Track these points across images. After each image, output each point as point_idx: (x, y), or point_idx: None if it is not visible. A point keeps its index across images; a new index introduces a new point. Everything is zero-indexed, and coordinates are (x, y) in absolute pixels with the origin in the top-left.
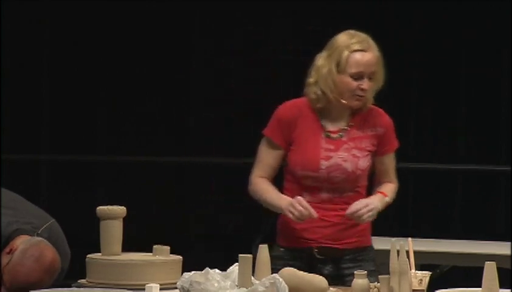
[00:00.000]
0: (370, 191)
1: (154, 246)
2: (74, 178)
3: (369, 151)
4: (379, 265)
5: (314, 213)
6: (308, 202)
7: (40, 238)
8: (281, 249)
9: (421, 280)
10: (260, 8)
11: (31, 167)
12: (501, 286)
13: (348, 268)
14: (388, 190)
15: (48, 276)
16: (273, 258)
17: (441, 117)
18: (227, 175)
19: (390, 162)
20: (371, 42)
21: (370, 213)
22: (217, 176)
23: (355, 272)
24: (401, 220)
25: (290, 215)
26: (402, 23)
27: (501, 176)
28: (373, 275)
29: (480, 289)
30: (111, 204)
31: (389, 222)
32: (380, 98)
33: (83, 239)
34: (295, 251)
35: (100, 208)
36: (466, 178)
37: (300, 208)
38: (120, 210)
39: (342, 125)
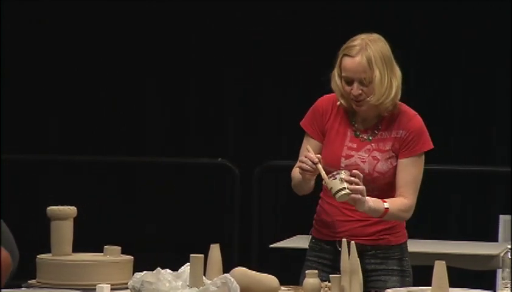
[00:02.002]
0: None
1: (105, 246)
2: (24, 178)
3: (391, 154)
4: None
5: (314, 157)
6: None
7: None
8: (313, 241)
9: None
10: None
11: None
12: (451, 285)
13: (369, 264)
14: (392, 202)
15: None
16: (308, 248)
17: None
18: (178, 175)
19: (406, 169)
20: (362, 47)
21: (348, 191)
22: (169, 175)
23: (306, 271)
24: None
25: (300, 170)
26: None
27: (451, 175)
28: (395, 275)
29: (430, 287)
30: (62, 204)
31: None
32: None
33: (33, 240)
34: (323, 243)
35: (51, 208)
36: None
37: (304, 158)
38: (71, 210)
39: (371, 124)
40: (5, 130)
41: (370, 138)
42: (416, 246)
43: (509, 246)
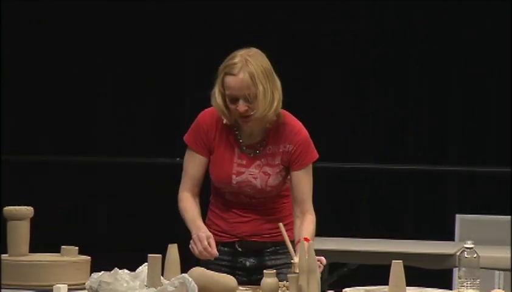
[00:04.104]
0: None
1: (62, 247)
2: None
3: (281, 167)
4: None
5: (215, 253)
6: (229, 201)
7: None
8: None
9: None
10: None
11: None
12: (408, 284)
13: (270, 260)
14: (309, 231)
15: None
16: None
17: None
18: (135, 174)
19: (302, 180)
20: (243, 64)
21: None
22: (125, 175)
23: (264, 271)
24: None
25: (192, 250)
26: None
27: (407, 174)
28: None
29: (387, 286)
30: (18, 205)
31: None
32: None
33: None
34: (221, 246)
35: (7, 208)
36: (374, 176)
37: (200, 248)
38: (27, 210)
39: (257, 139)
40: None
41: (257, 152)
42: (373, 245)
43: (466, 245)
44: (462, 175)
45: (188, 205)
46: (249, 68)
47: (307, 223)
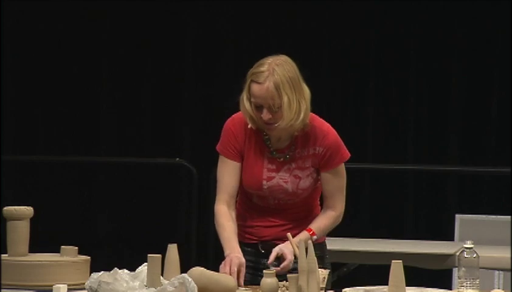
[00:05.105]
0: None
1: (62, 247)
2: None
3: (312, 170)
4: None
5: (239, 283)
6: (257, 204)
7: None
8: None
9: (324, 278)
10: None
11: None
12: (408, 284)
13: (293, 264)
14: (319, 225)
15: None
16: None
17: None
18: (136, 175)
19: (329, 182)
20: (270, 73)
21: (285, 264)
22: (126, 175)
23: (264, 271)
24: None
25: (221, 270)
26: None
27: (407, 174)
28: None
29: (387, 286)
30: (18, 205)
31: None
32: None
33: None
34: (244, 246)
35: (7, 208)
36: (374, 176)
37: (228, 271)
38: (27, 210)
39: (286, 143)
40: None
41: (288, 156)
42: (372, 245)
43: (466, 245)
44: (462, 175)
45: (225, 221)
46: (274, 77)
47: (323, 216)
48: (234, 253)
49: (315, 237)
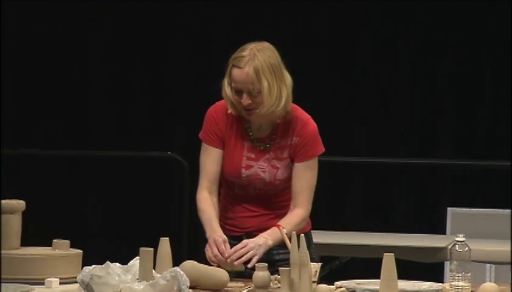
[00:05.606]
0: None
1: (54, 240)
2: None
3: (289, 160)
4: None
5: (224, 258)
6: (238, 194)
7: None
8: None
9: (316, 271)
10: None
11: None
12: (399, 277)
13: (277, 254)
14: (288, 222)
15: None
16: None
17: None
18: (128, 168)
19: (301, 173)
20: (250, 58)
21: (249, 254)
22: (118, 169)
23: (256, 264)
24: None
25: (207, 252)
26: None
27: (398, 168)
28: None
29: (379, 280)
30: (10, 198)
31: None
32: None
33: None
34: (230, 239)
35: None
36: (365, 170)
37: (216, 251)
38: (19, 204)
39: (266, 132)
40: None
41: (268, 146)
42: (364, 238)
43: (457, 239)
44: (453, 168)
45: (205, 206)
46: (254, 62)
47: (291, 216)
48: (215, 234)
49: (284, 230)
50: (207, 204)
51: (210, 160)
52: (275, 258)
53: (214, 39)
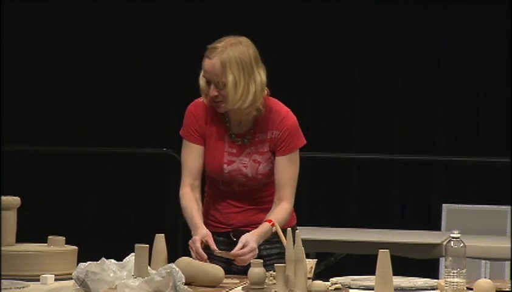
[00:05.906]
0: None
1: (49, 237)
2: None
3: (270, 154)
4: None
5: (207, 254)
6: (223, 191)
7: None
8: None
9: (311, 267)
10: None
11: None
12: (395, 273)
13: (264, 249)
14: (277, 218)
15: None
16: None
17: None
18: (123, 165)
19: (284, 167)
20: (221, 50)
21: (251, 255)
22: (113, 165)
23: (251, 261)
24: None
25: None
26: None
27: (393, 164)
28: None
29: (374, 276)
30: (5, 195)
31: None
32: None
33: None
34: (216, 235)
35: None
36: (361, 166)
37: (196, 249)
38: (14, 200)
39: (246, 127)
40: None
41: (246, 140)
42: (359, 235)
43: (452, 235)
44: (448, 165)
45: (187, 202)
46: (223, 55)
47: (278, 211)
48: (198, 230)
49: (274, 228)
50: (189, 199)
51: (192, 157)
52: (263, 253)
53: (211, 36)
